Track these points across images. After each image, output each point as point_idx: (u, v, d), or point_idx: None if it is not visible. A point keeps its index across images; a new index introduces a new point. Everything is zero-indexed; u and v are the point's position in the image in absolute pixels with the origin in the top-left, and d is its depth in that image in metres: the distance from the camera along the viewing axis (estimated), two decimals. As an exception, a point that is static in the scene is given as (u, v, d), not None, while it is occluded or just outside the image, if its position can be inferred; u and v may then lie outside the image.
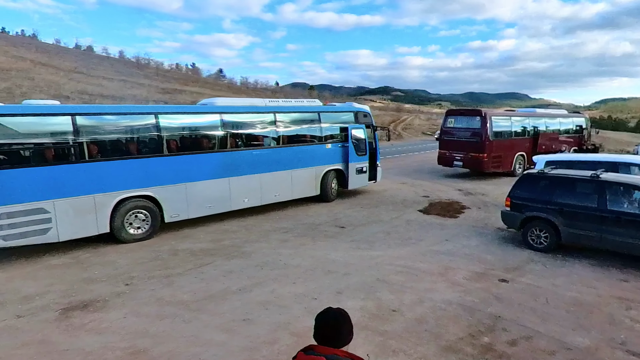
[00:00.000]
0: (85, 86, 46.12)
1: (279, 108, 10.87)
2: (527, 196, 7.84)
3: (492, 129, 15.80)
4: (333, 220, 10.07)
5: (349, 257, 7.44)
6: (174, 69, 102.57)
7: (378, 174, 13.39)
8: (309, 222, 9.90)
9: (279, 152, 10.74)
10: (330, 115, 12.16)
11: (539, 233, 7.66)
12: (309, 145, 11.45)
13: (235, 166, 9.84)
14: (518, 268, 6.93)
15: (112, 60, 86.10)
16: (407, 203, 11.99)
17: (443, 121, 17.53)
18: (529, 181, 7.95)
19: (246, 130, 10.39)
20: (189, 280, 6.40)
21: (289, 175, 10.94)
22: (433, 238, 8.62)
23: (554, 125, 19.02)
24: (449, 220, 10.06)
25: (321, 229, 9.30)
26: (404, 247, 7.99)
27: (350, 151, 12.12)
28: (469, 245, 8.10)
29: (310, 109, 11.67)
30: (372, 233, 8.97)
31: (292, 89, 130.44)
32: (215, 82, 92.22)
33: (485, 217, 10.34)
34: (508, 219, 8.20)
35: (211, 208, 9.52)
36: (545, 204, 7.54)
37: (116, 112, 8.30)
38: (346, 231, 9.15)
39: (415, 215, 10.61)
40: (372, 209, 11.32)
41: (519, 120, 17.52)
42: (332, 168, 12.01)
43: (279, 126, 10.74)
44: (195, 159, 9.16)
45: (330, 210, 11.11)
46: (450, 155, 16.73)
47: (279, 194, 10.84)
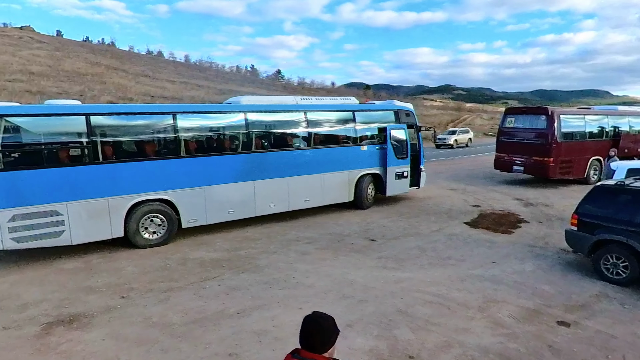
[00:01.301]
0: (149, 88, 48.91)
1: (309, 106, 10.04)
2: (600, 214, 6.25)
3: (560, 130, 13.70)
4: (363, 231, 9.03)
5: (371, 278, 6.39)
6: (234, 71, 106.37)
7: (421, 179, 12.08)
8: (337, 232, 8.95)
9: (309, 154, 9.91)
10: (366, 114, 11.10)
11: (616, 261, 6.05)
12: (342, 147, 10.50)
13: (260, 169, 9.18)
14: (585, 306, 5.45)
15: (177, 64, 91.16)
16: (453, 213, 10.57)
17: (501, 121, 15.62)
18: (604, 195, 6.35)
19: (273, 130, 9.70)
20: (186, 297, 5.78)
21: (319, 179, 10.08)
22: (477, 258, 7.28)
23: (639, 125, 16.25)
24: (500, 237, 8.57)
25: (348, 241, 8.32)
26: (440, 269, 6.77)
27: (388, 154, 10.97)
28: (522, 271, 6.67)
29: (344, 107, 10.71)
30: (404, 249, 7.82)
31: (347, 88, 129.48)
32: (271, 83, 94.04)
33: (547, 235, 8.69)
34: (575, 241, 6.64)
35: (233, 213, 8.93)
36: (625, 225, 5.92)
37: (132, 112, 7.99)
38: (375, 245, 8.08)
39: (460, 228, 9.22)
40: (411, 219, 10.09)
41: (595, 119, 15.12)
42: (368, 172, 10.95)
43: (309, 126, 9.92)
44: (216, 161, 8.63)
45: (363, 219, 10.06)
46: (509, 159, 14.82)
47: (309, 200, 10.02)
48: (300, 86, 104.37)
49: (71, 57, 55.00)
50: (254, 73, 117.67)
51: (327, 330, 1.90)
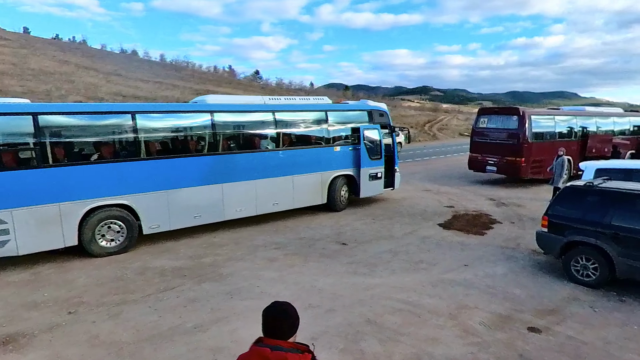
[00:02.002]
0: (122, 88, 47.33)
1: (279, 106, 9.70)
2: (570, 215, 6.18)
3: (531, 130, 13.85)
4: (336, 235, 8.77)
5: (341, 285, 6.12)
6: (211, 71, 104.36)
7: (396, 180, 11.92)
8: (308, 237, 8.65)
9: (278, 156, 9.58)
10: (339, 114, 10.84)
11: (586, 263, 5.99)
12: (314, 148, 10.21)
13: (227, 171, 8.78)
14: (556, 311, 5.33)
15: (151, 63, 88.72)
16: (427, 215, 10.44)
17: (475, 121, 15.70)
18: (574, 196, 6.28)
19: (241, 131, 9.32)
20: (140, 311, 5.35)
21: (290, 181, 9.75)
22: (450, 262, 7.12)
23: (606, 125, 16.65)
24: (472, 238, 8.47)
25: (319, 246, 8.03)
26: (411, 274, 6.56)
27: (362, 154, 10.75)
28: (494, 274, 6.54)
29: (315, 107, 10.42)
30: (376, 253, 7.59)
31: (326, 89, 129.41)
32: (249, 83, 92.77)
33: (518, 236, 8.65)
34: (545, 243, 6.56)
35: (199, 218, 8.51)
36: (595, 227, 5.86)
37: (85, 111, 7.45)
38: (347, 249, 7.82)
39: (434, 230, 9.08)
40: (385, 221, 9.89)
41: (564, 119, 15.37)
42: (342, 174, 10.70)
43: (278, 126, 9.58)
44: (180, 163, 8.18)
45: (336, 222, 9.80)
46: (483, 159, 14.89)
47: (279, 203, 9.68)
48: (278, 87, 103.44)
49: (38, 55, 52.68)
50: (231, 73, 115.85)
51: (292, 315, 1.98)
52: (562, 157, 11.39)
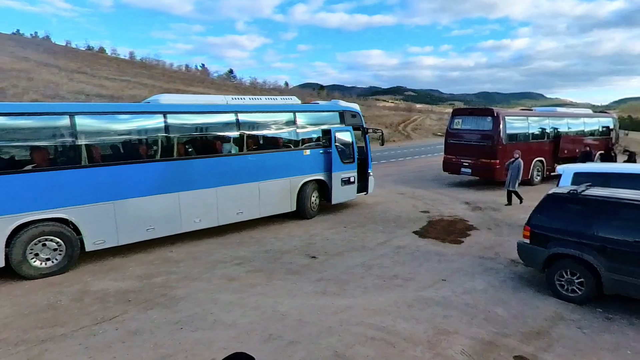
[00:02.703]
0: (85, 86, 45.00)
1: (243, 107, 8.94)
2: (554, 225, 5.74)
3: (505, 131, 13.63)
4: (305, 246, 8.10)
5: (307, 308, 5.46)
6: (183, 70, 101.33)
7: (370, 184, 11.38)
8: (274, 249, 7.94)
9: (243, 161, 8.82)
10: (309, 115, 10.18)
11: (571, 277, 5.56)
12: (282, 152, 9.50)
13: (184, 178, 7.96)
14: (542, 333, 4.85)
15: (119, 61, 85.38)
16: (401, 221, 9.93)
17: (449, 122, 15.39)
18: (556, 204, 5.85)
19: (199, 134, 8.51)
20: (67, 350, 4.51)
21: (255, 188, 9.01)
22: (426, 276, 6.58)
23: (577, 126, 16.73)
24: (449, 248, 7.99)
25: (285, 260, 7.34)
26: (385, 292, 5.97)
27: (333, 158, 10.13)
28: (473, 290, 6.04)
29: (282, 107, 9.71)
30: (348, 267, 6.97)
31: (301, 89, 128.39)
32: (222, 83, 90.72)
33: (496, 243, 8.24)
34: (527, 255, 6.11)
35: (152, 231, 7.65)
36: (580, 238, 5.44)
37: (12, 112, 6.45)
38: (316, 263, 7.17)
39: (409, 239, 8.56)
40: (357, 229, 9.30)
41: (537, 120, 15.27)
42: (312, 179, 10.04)
43: (242, 129, 8.82)
44: (129, 170, 7.30)
45: (306, 232, 9.13)
46: (457, 161, 14.59)
47: (243, 212, 8.92)
48: (252, 86, 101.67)
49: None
50: (204, 72, 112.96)
51: None
52: (518, 160, 11.31)
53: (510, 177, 11.38)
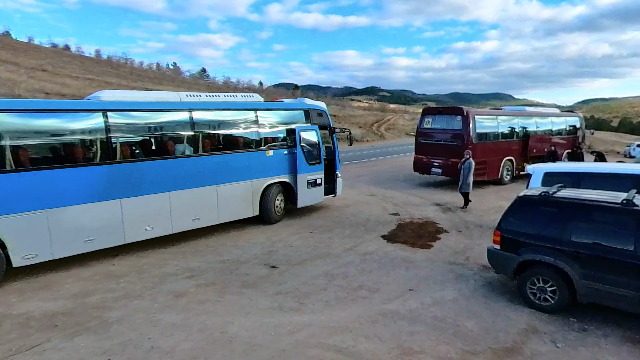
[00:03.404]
0: (46, 84, 42.65)
1: (197, 105, 8.24)
2: (525, 230, 5.39)
3: (475, 130, 13.45)
4: (266, 255, 7.50)
5: (261, 328, 4.87)
6: (153, 69, 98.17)
7: (338, 186, 10.88)
8: (232, 259, 7.30)
9: (198, 163, 8.13)
10: (272, 113, 9.58)
11: (543, 285, 5.21)
12: (242, 153, 8.85)
13: (130, 183, 7.21)
14: (514, 350, 4.45)
15: (84, 58, 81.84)
16: (370, 225, 9.48)
17: (419, 121, 15.13)
18: (528, 207, 5.50)
19: (147, 134, 7.78)
20: (-36, 394, 3.76)
21: (213, 192, 8.33)
22: (393, 285, 6.12)
23: (545, 125, 16.84)
24: (418, 253, 7.58)
25: (242, 271, 6.72)
26: (348, 306, 5.46)
27: (299, 159, 9.56)
28: (442, 301, 5.61)
29: (243, 105, 9.06)
30: (310, 277, 6.43)
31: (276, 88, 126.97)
32: (194, 82, 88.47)
33: (467, 247, 7.89)
34: (497, 262, 5.74)
35: (92, 243, 6.86)
36: (553, 243, 5.10)
37: None
38: (276, 274, 6.58)
39: (377, 244, 8.10)
40: (324, 234, 8.78)
41: (507, 120, 15.22)
42: (276, 181, 9.44)
43: (197, 128, 8.13)
44: (63, 175, 6.50)
45: (268, 238, 8.52)
46: (428, 161, 14.33)
47: (200, 218, 8.22)
48: (225, 85, 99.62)
49: (-57, 46, 46.36)
50: (176, 71, 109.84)
51: None
52: (469, 160, 11.02)
53: (462, 179, 11.02)
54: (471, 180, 11.04)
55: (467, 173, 10.90)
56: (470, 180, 10.97)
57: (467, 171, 10.91)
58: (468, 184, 10.99)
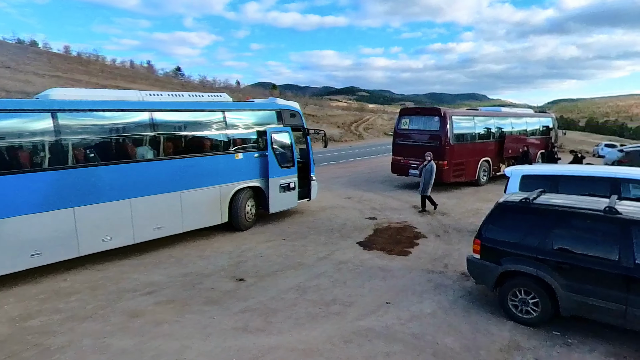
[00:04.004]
0: (7, 82, 40.52)
1: (160, 104, 7.66)
2: (506, 238, 5.10)
3: (452, 131, 13.29)
4: (233, 266, 7.00)
5: (221, 354, 4.39)
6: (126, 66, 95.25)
7: (312, 190, 10.45)
8: (196, 271, 6.77)
9: (161, 167, 7.56)
10: (241, 114, 9.08)
11: (525, 297, 4.94)
12: (209, 156, 8.31)
13: (85, 190, 6.58)
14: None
15: (52, 55, 78.56)
16: (346, 230, 9.10)
17: (397, 122, 14.88)
18: (509, 214, 5.22)
19: (103, 137, 7.14)
20: None
21: (177, 198, 7.77)
22: (369, 298, 5.75)
23: (520, 125, 16.91)
24: (396, 261, 7.24)
25: (207, 285, 6.20)
26: (319, 324, 5.04)
27: (270, 162, 9.09)
28: (421, 314, 5.27)
29: (209, 105, 8.52)
30: (280, 291, 5.98)
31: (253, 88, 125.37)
32: (168, 80, 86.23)
33: (446, 253, 7.62)
34: (477, 272, 5.44)
35: (39, 257, 6.20)
36: (535, 253, 4.82)
37: None
38: (243, 288, 6.10)
39: (352, 252, 7.72)
40: (297, 241, 8.34)
41: (483, 120, 15.16)
42: (246, 186, 8.94)
43: (159, 130, 7.54)
44: (5, 182, 5.82)
45: (237, 246, 8.02)
46: (406, 163, 14.09)
47: (162, 227, 7.64)
48: (201, 84, 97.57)
49: None
50: (150, 69, 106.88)
51: None
52: (430, 163, 10.64)
53: (424, 182, 10.66)
54: (431, 184, 10.67)
55: (429, 176, 10.53)
56: (430, 183, 10.61)
57: (429, 174, 10.53)
58: (428, 187, 10.62)
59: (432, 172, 10.57)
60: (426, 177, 10.61)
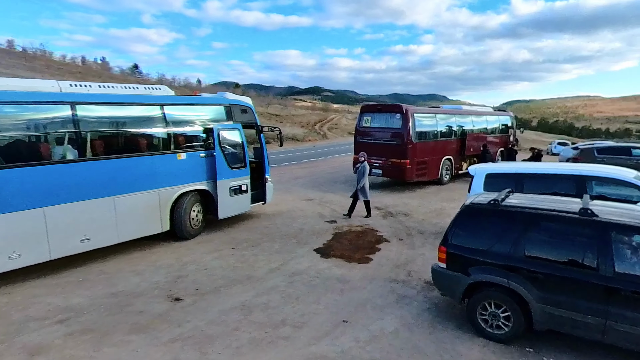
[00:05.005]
0: (-64, 78, 36.73)
1: (83, 97, 6.60)
2: (474, 245, 4.56)
3: (415, 129, 12.90)
4: (171, 282, 6.09)
5: (137, 402, 3.54)
6: (77, 63, 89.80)
7: (267, 192, 9.66)
8: (127, 290, 5.81)
9: (86, 169, 6.50)
10: (184, 109, 8.15)
11: (495, 310, 4.42)
12: (146, 157, 7.31)
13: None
14: (468, 403, 3.56)
15: (-9, 49, 72.54)
16: (303, 236, 8.39)
17: (358, 120, 14.35)
18: (476, 218, 4.69)
19: (10, 134, 6.00)
20: None
21: (109, 205, 6.74)
22: (324, 316, 5.05)
23: (481, 124, 16.89)
24: (355, 270, 6.59)
25: (136, 308, 5.27)
26: (264, 353, 4.28)
27: (218, 163, 8.21)
28: (382, 335, 4.63)
29: (146, 99, 7.51)
30: (221, 312, 5.15)
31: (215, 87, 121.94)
32: (123, 78, 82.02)
33: (409, 259, 7.07)
34: (444, 283, 4.88)
35: None
36: (505, 261, 4.30)
37: None
38: (178, 310, 5.22)
39: (309, 260, 7.01)
40: (248, 250, 7.53)
41: (445, 118, 14.92)
42: (191, 189, 8.01)
43: (82, 126, 6.49)
44: None
45: (178, 258, 7.09)
46: (368, 162, 13.50)
47: (91, 238, 6.59)
48: (159, 82, 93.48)
49: None
50: (104, 66, 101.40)
51: None
52: (363, 164, 9.68)
53: (358, 185, 9.68)
54: (367, 186, 9.75)
55: (362, 178, 9.58)
56: (366, 185, 9.67)
57: (362, 176, 9.58)
58: (365, 191, 9.69)
59: (365, 173, 9.61)
60: (359, 178, 9.63)
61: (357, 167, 9.86)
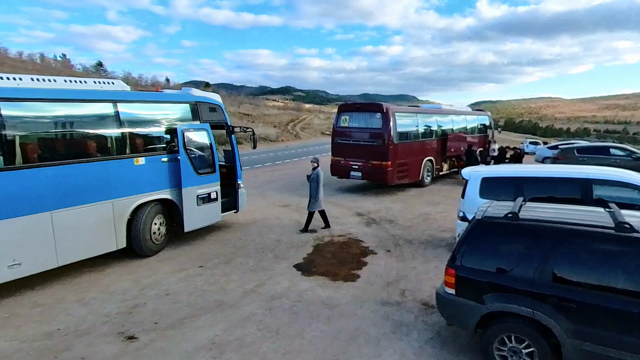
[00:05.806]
0: None
1: (11, 92, 5.44)
2: (489, 267, 3.84)
3: (396, 129, 12.25)
4: (125, 314, 5.06)
5: None
6: (35, 60, 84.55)
7: (240, 199, 8.70)
8: (66, 328, 4.74)
9: (13, 180, 5.35)
10: (142, 107, 7.08)
11: (517, 346, 3.70)
12: (95, 162, 6.20)
13: None
14: None
15: None
16: (281, 249, 7.50)
17: (335, 119, 13.56)
18: (491, 235, 3.96)
19: None
20: None
21: (45, 221, 5.61)
22: (310, 355, 4.19)
23: (460, 123, 16.49)
24: (342, 290, 5.78)
25: (75, 354, 4.22)
26: (239, 414, 3.39)
27: (183, 168, 7.20)
28: (382, 379, 3.84)
29: (94, 95, 6.39)
30: (185, 354, 4.20)
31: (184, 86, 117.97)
32: (87, 76, 77.90)
33: (400, 275, 6.32)
34: (452, 312, 4.13)
35: None
36: (529, 286, 3.60)
37: None
38: (130, 354, 4.23)
39: (289, 279, 6.14)
40: (219, 268, 6.57)
41: (425, 117, 14.37)
42: (152, 199, 6.97)
43: (10, 128, 5.34)
44: None
45: (137, 281, 6.05)
46: (346, 164, 12.82)
47: (22, 263, 5.43)
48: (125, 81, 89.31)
49: None
50: (65, 63, 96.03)
51: None
52: (317, 170, 8.46)
53: (310, 194, 8.53)
54: (321, 196, 8.55)
55: (316, 186, 8.38)
56: (320, 195, 8.48)
57: (316, 184, 8.38)
58: (319, 201, 8.51)
59: (319, 181, 8.41)
60: (313, 187, 8.42)
61: (309, 175, 8.56)
